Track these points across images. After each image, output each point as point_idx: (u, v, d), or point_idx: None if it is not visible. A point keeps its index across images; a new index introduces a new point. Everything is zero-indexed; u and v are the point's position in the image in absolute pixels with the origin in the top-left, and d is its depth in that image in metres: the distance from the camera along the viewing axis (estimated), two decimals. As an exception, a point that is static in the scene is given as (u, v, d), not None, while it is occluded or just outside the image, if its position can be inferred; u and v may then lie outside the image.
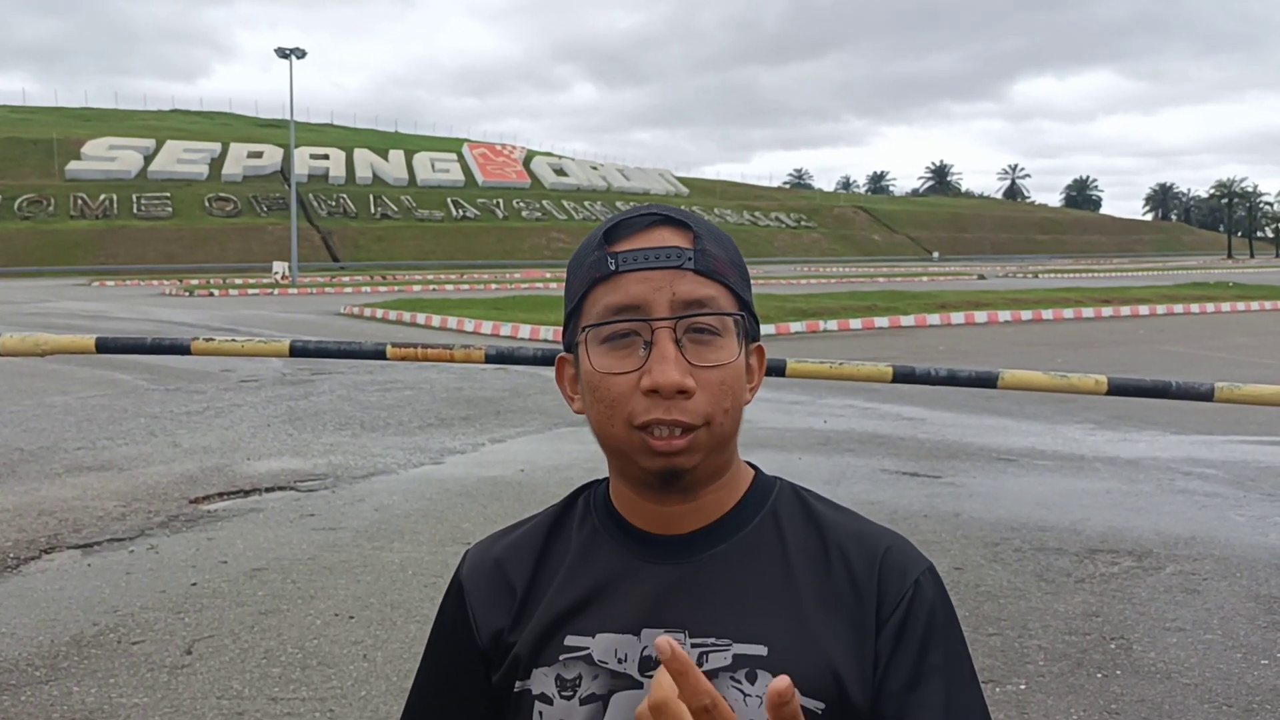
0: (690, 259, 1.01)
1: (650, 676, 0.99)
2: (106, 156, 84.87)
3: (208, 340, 4.03)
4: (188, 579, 5.88)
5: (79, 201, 77.46)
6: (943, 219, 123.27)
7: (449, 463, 9.09)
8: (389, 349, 4.07)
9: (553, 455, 9.35)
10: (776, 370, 4.11)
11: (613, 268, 1.01)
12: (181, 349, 3.98)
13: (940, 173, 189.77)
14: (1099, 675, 4.55)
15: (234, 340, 4.20)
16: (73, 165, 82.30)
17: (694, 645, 1.02)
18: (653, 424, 0.99)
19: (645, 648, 1.02)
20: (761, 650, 1.00)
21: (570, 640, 1.05)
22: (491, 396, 13.01)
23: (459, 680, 1.14)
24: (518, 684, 1.06)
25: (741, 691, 0.99)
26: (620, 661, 1.03)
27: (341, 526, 6.97)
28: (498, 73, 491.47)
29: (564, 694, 1.03)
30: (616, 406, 1.00)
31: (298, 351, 4.03)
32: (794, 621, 1.02)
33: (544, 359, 4.46)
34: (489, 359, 4.28)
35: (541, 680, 1.05)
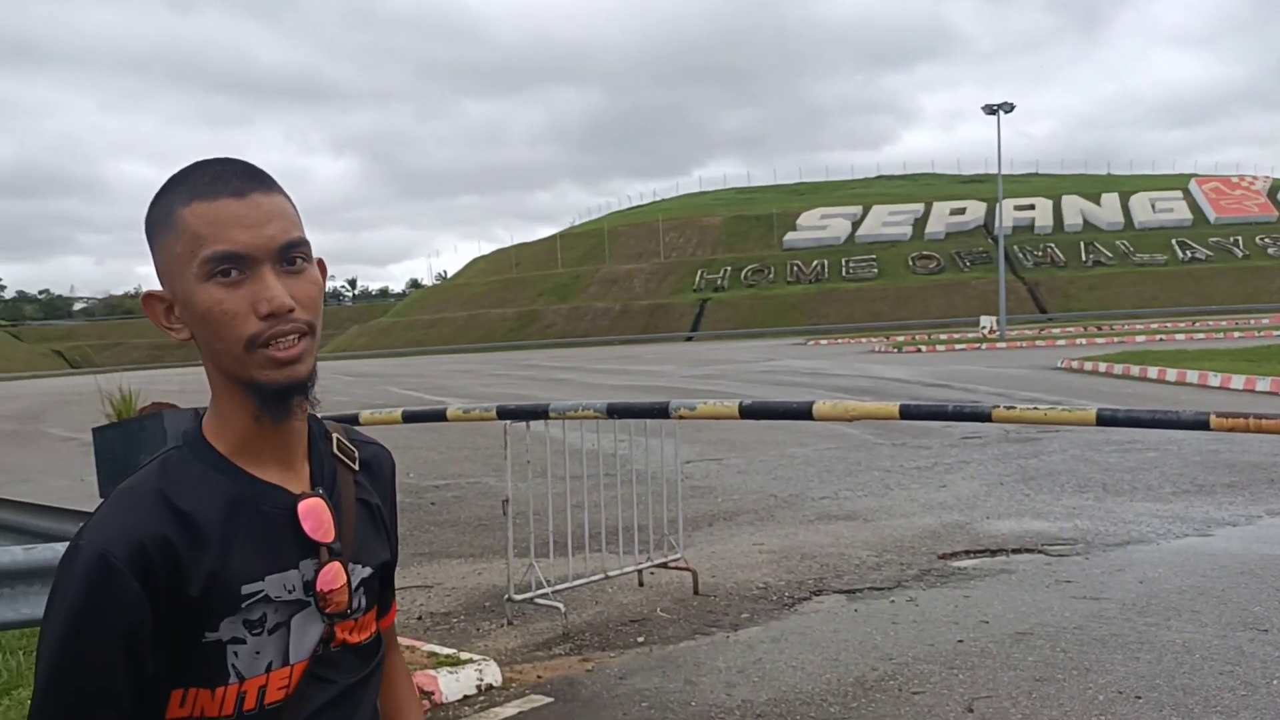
0: None
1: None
2: (818, 226, 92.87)
3: (1009, 409, 3.93)
4: (953, 635, 5.86)
5: (794, 268, 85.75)
6: None
7: (1218, 535, 8.05)
8: (1213, 419, 3.59)
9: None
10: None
11: None
12: (982, 416, 3.93)
13: None
14: None
15: (1035, 408, 4.06)
16: (789, 236, 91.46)
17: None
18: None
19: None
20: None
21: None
22: (1259, 462, 11.25)
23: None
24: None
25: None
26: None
27: (1104, 597, 6.48)
28: (1212, 99, 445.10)
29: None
30: None
31: (1105, 420, 3.74)
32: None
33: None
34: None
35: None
